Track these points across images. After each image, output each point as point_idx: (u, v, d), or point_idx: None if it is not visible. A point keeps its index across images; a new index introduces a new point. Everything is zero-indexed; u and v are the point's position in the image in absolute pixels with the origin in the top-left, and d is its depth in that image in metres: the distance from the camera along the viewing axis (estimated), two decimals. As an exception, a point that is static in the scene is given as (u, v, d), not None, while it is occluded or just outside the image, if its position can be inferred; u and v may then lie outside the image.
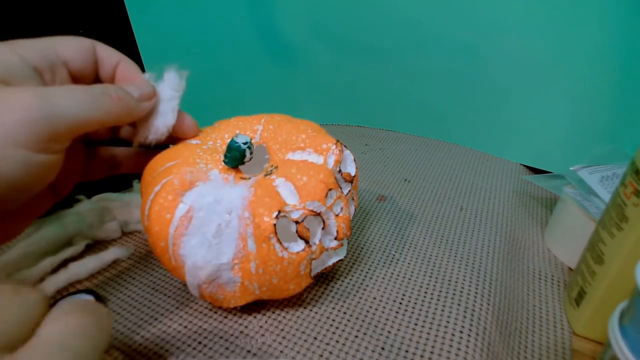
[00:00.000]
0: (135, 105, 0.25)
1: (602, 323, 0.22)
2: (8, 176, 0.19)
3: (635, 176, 0.23)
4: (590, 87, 0.41)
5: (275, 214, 0.24)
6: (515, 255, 0.35)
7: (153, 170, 0.27)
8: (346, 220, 0.27)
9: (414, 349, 0.25)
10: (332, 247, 0.27)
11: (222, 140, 0.29)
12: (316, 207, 0.25)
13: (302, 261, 0.25)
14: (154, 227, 0.25)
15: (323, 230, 0.26)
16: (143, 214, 0.26)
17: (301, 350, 0.25)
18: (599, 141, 0.41)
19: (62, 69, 0.24)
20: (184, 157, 0.27)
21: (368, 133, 0.58)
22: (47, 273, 0.31)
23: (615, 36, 0.38)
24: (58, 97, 0.20)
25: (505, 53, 0.45)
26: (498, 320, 0.28)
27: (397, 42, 0.51)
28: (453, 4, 0.45)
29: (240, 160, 0.26)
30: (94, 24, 0.37)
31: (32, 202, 0.24)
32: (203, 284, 0.25)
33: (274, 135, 0.30)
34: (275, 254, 0.24)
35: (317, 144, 0.28)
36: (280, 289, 0.26)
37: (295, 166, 0.27)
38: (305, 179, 0.25)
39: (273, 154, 0.29)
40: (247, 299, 0.26)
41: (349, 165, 0.29)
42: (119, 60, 0.26)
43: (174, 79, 0.27)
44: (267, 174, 0.27)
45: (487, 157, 0.50)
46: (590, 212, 0.31)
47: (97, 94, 0.22)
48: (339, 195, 0.27)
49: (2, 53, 0.22)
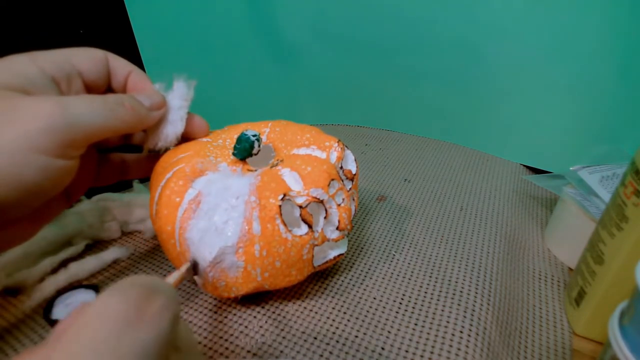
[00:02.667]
0: (147, 114, 0.26)
1: (602, 323, 0.22)
2: (28, 180, 0.20)
3: (635, 176, 0.23)
4: (591, 87, 0.41)
5: (281, 196, 0.25)
6: (515, 255, 0.35)
7: (165, 162, 0.28)
8: (347, 211, 0.28)
9: (414, 349, 0.25)
10: (333, 238, 0.27)
11: (232, 139, 0.31)
12: (319, 194, 0.26)
13: (305, 245, 0.25)
14: (163, 211, 0.26)
15: (325, 220, 0.27)
16: (152, 201, 0.27)
17: (301, 350, 0.25)
18: (599, 141, 0.41)
19: (77, 79, 0.25)
20: (195, 150, 0.28)
21: (368, 133, 0.58)
22: (47, 273, 0.31)
23: (616, 36, 0.38)
24: (77, 106, 0.21)
25: (505, 53, 0.45)
26: (498, 320, 0.28)
27: (397, 42, 0.51)
28: (453, 4, 0.45)
29: (249, 151, 0.28)
30: (94, 24, 0.37)
31: (46, 206, 0.25)
32: (207, 268, 0.25)
33: (280, 136, 0.31)
34: (279, 234, 0.25)
35: (321, 141, 0.30)
36: (282, 274, 0.26)
37: (300, 159, 0.28)
38: (310, 169, 0.27)
39: (279, 151, 0.30)
40: (249, 286, 0.26)
41: (350, 164, 0.30)
42: (130, 71, 0.28)
43: (182, 88, 0.29)
44: (273, 165, 0.28)
45: (487, 157, 0.50)
46: (590, 212, 0.31)
47: (112, 103, 0.23)
48: (340, 186, 0.28)
49: (22, 64, 0.23)
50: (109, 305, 0.14)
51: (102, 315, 0.14)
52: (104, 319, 0.14)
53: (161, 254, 0.34)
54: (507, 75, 0.46)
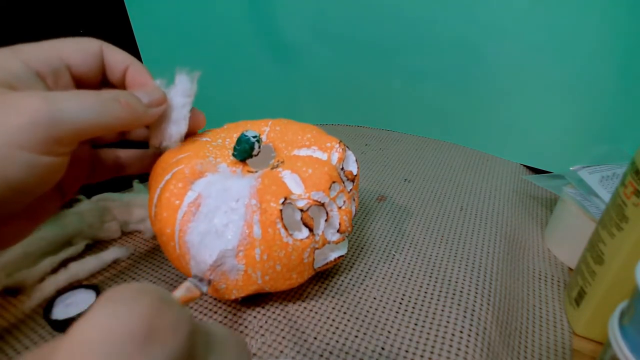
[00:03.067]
0: (144, 111, 0.25)
1: (602, 323, 0.22)
2: (11, 177, 0.19)
3: (635, 176, 0.23)
4: (591, 87, 0.41)
5: (282, 200, 0.24)
6: (515, 255, 0.35)
7: (164, 162, 0.28)
8: (348, 214, 0.28)
9: (414, 349, 0.25)
10: (334, 241, 0.27)
11: (231, 139, 0.31)
12: (320, 197, 0.26)
13: (306, 249, 0.25)
14: (162, 213, 0.25)
15: (326, 222, 0.27)
16: (151, 203, 0.27)
17: (301, 350, 0.25)
18: (599, 141, 0.41)
19: (65, 73, 0.24)
20: (194, 151, 0.28)
21: (368, 133, 0.58)
22: (47, 273, 0.31)
23: (616, 36, 0.38)
24: (65, 102, 0.21)
25: (505, 53, 0.45)
26: (498, 320, 0.28)
27: (397, 42, 0.51)
28: (453, 4, 0.45)
29: (249, 153, 0.27)
30: (94, 24, 0.37)
31: (40, 204, 0.24)
32: (207, 271, 0.25)
33: (280, 136, 0.31)
34: (280, 239, 0.24)
35: (322, 142, 0.30)
36: (283, 277, 0.26)
37: (300, 160, 0.28)
38: (311, 171, 0.27)
39: (279, 151, 0.30)
40: (250, 289, 0.26)
41: (351, 165, 0.30)
42: (128, 64, 0.26)
43: (185, 83, 0.28)
44: (274, 167, 0.28)
45: (487, 157, 0.50)
46: (590, 212, 0.31)
47: (106, 99, 0.22)
48: (341, 188, 0.28)
49: (5, 58, 0.22)
50: (112, 322, 0.11)
51: (104, 336, 0.11)
52: (108, 341, 0.11)
53: (161, 254, 0.34)
54: (507, 75, 0.46)
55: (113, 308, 0.11)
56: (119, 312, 0.11)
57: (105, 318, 0.11)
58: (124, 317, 0.11)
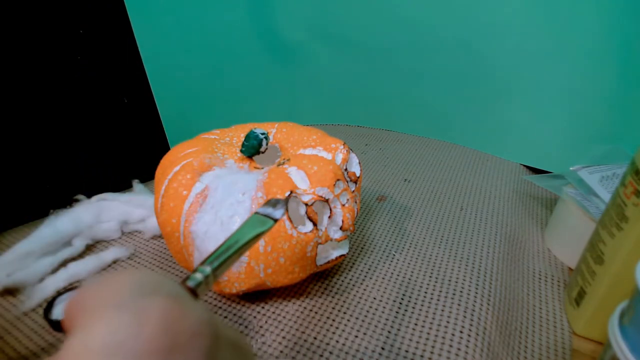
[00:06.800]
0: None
1: (602, 323, 0.22)
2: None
3: (635, 176, 0.23)
4: (590, 87, 0.41)
5: (288, 193, 0.25)
6: (515, 255, 0.35)
7: (172, 156, 0.29)
8: (351, 212, 0.28)
9: (414, 349, 0.25)
10: (336, 238, 0.28)
11: (238, 138, 0.32)
12: (325, 193, 0.27)
13: (310, 242, 0.26)
14: (169, 204, 0.26)
15: (329, 219, 0.27)
16: (157, 195, 0.27)
17: (301, 350, 0.25)
18: (599, 141, 0.41)
19: None
20: (203, 146, 0.29)
21: (368, 133, 0.58)
22: (47, 273, 0.31)
23: (615, 36, 0.38)
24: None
25: (505, 53, 0.45)
26: (498, 320, 0.28)
27: (396, 42, 0.51)
28: (453, 5, 0.45)
29: (257, 149, 0.29)
30: (94, 24, 0.37)
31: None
32: None
33: (286, 137, 0.32)
34: (285, 230, 0.25)
35: (327, 143, 0.31)
36: (285, 270, 0.26)
37: (306, 158, 0.28)
38: (316, 168, 0.27)
39: (285, 151, 0.31)
40: (251, 282, 0.26)
41: (354, 166, 0.31)
42: None
43: None
44: (280, 164, 0.28)
45: (487, 157, 0.50)
46: (590, 212, 0.31)
47: None
48: (345, 187, 0.28)
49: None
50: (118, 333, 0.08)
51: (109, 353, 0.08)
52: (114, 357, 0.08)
53: (161, 254, 0.34)
54: (506, 75, 0.46)
55: (113, 316, 0.09)
56: (121, 320, 0.09)
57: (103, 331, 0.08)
58: (132, 326, 0.08)
